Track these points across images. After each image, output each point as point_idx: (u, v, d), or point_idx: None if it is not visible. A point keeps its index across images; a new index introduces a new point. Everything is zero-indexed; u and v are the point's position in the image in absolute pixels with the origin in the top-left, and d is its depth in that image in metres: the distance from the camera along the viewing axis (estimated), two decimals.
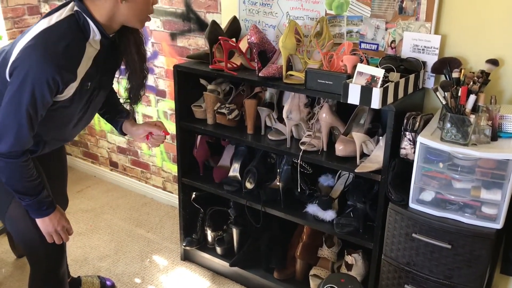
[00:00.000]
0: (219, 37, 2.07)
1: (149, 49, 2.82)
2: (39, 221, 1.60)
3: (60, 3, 1.52)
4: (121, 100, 1.81)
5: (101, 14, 1.46)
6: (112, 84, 1.77)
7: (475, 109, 1.62)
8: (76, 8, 1.45)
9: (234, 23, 2.27)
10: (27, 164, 1.51)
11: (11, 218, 1.66)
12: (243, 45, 2.18)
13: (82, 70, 1.48)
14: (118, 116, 1.87)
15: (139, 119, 3.07)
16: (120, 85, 1.75)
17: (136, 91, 1.70)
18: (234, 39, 2.21)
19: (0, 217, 1.70)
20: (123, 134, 1.91)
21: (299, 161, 1.96)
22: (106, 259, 2.59)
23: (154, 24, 2.74)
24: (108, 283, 2.35)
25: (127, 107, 1.78)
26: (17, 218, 1.65)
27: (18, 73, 1.39)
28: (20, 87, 1.39)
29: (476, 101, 1.61)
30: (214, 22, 2.14)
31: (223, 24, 2.32)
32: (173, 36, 2.68)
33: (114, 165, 3.40)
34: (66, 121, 1.62)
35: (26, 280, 2.38)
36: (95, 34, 1.47)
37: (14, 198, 1.59)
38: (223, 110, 2.20)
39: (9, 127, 1.43)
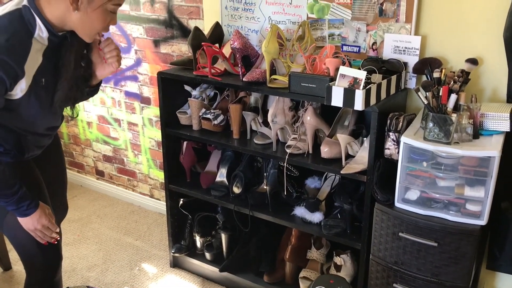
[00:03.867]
0: (202, 43, 2.07)
1: (132, 57, 2.81)
2: (20, 220, 1.57)
3: None
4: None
5: (52, 13, 1.40)
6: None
7: (456, 108, 1.64)
8: (24, 2, 1.38)
9: (217, 28, 2.28)
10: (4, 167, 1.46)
11: (9, 225, 1.64)
12: (227, 51, 2.19)
13: (31, 65, 1.41)
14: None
15: (124, 126, 3.06)
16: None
17: (62, 101, 1.56)
18: (217, 45, 2.21)
19: None
20: (96, 87, 1.73)
21: (285, 164, 1.97)
22: (95, 269, 2.57)
23: (137, 32, 2.73)
24: None
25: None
26: (14, 225, 1.62)
27: None
28: None
29: (457, 100, 1.64)
30: (196, 28, 2.14)
31: (206, 30, 2.33)
32: (156, 43, 2.68)
33: (100, 173, 3.38)
34: (34, 115, 1.55)
35: None
36: (41, 31, 1.41)
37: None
38: (209, 116, 2.20)
39: None
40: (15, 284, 2.44)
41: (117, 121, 3.09)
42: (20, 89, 1.42)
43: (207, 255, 2.44)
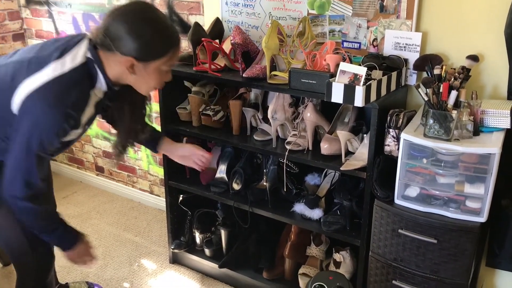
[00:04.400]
0: (202, 39, 2.07)
1: None
2: (62, 252, 1.66)
3: (71, 36, 1.50)
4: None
5: (111, 71, 1.46)
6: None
7: (456, 104, 1.64)
8: (89, 55, 1.43)
9: (217, 24, 2.27)
10: (42, 210, 1.53)
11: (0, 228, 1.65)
12: (227, 46, 2.19)
13: (86, 116, 1.49)
14: (151, 135, 1.88)
15: None
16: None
17: (122, 146, 1.71)
18: (217, 41, 2.21)
19: None
20: (156, 151, 1.95)
21: (285, 160, 1.97)
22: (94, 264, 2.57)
23: None
24: None
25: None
26: (5, 227, 1.63)
27: (28, 119, 1.39)
28: (29, 135, 1.40)
29: (458, 96, 1.63)
30: (197, 23, 2.13)
31: (206, 25, 2.32)
32: None
33: (100, 169, 3.38)
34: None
35: None
36: (101, 85, 1.48)
37: (1, 208, 1.58)
38: (208, 112, 2.19)
39: (20, 173, 1.44)
40: (14, 280, 2.44)
41: None
42: (74, 134, 1.51)
43: (207, 251, 2.44)
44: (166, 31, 1.44)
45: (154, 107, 2.85)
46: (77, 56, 1.42)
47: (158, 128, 2.25)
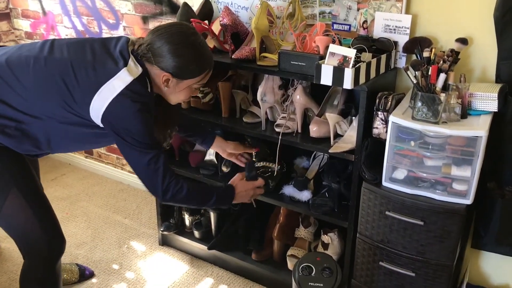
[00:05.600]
0: (191, 19, 2.04)
1: (121, 33, 2.77)
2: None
3: (115, 39, 1.61)
4: None
5: (154, 80, 1.60)
6: None
7: (445, 87, 1.64)
8: (140, 69, 1.55)
9: (206, 5, 2.24)
10: (190, 186, 1.66)
11: (7, 215, 1.64)
12: (216, 28, 2.16)
13: None
14: (205, 134, 2.07)
15: None
16: None
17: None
18: (206, 22, 2.19)
19: None
20: (208, 149, 2.15)
21: (278, 144, 1.95)
22: (83, 246, 2.57)
23: (125, 8, 2.68)
24: (87, 272, 2.34)
25: None
26: (14, 213, 1.64)
27: (120, 123, 1.52)
28: (128, 134, 1.53)
29: (446, 79, 1.64)
30: (185, 4, 2.11)
31: (195, 6, 2.29)
32: (145, 19, 2.63)
33: (89, 152, 3.36)
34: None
35: (1, 270, 2.35)
36: (150, 90, 1.60)
37: (9, 194, 1.59)
38: (197, 94, 2.18)
39: (152, 168, 1.58)
40: (4, 262, 2.44)
41: None
42: None
43: (196, 233, 2.45)
44: (204, 55, 1.61)
45: None
46: (136, 64, 1.55)
47: None
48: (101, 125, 1.55)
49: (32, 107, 1.55)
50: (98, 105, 1.50)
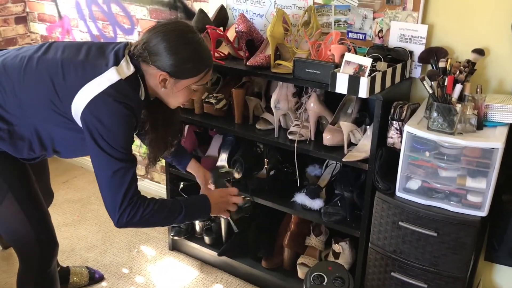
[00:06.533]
0: (207, 26, 2.05)
1: (135, 39, 2.79)
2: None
3: (113, 43, 1.56)
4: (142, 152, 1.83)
5: (149, 82, 1.53)
6: None
7: (461, 98, 1.63)
8: (132, 68, 1.49)
9: (222, 12, 2.25)
10: (155, 204, 1.52)
11: (1, 219, 1.65)
12: (231, 34, 2.17)
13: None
14: (182, 154, 1.98)
15: None
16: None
17: (153, 157, 1.75)
18: (221, 28, 2.20)
19: None
20: (185, 171, 2.02)
21: (295, 151, 1.94)
22: (94, 250, 2.58)
23: (140, 13, 2.71)
24: (96, 275, 2.35)
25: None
26: (8, 216, 1.64)
27: (95, 122, 1.42)
28: (107, 138, 1.43)
29: (462, 90, 1.63)
30: (201, 10, 2.12)
31: (211, 13, 2.30)
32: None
33: None
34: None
35: (12, 271, 2.37)
36: (142, 95, 1.54)
37: (5, 198, 1.60)
38: (211, 100, 2.19)
39: (117, 181, 1.46)
40: (15, 263, 2.44)
41: None
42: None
43: (206, 239, 2.45)
44: (202, 53, 1.52)
45: None
46: (129, 64, 1.49)
47: None
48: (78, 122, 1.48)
49: (25, 108, 1.52)
50: (80, 102, 1.43)
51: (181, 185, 2.47)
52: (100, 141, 1.42)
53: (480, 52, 1.72)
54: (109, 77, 1.44)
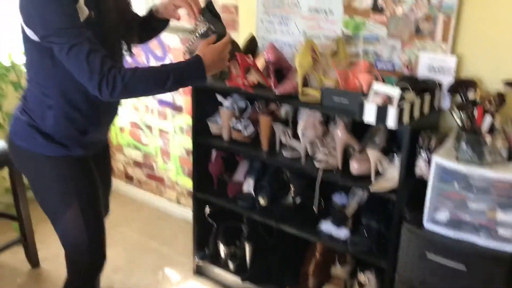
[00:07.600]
0: (236, 53, 2.10)
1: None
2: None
3: None
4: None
5: None
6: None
7: (491, 130, 1.62)
8: None
9: (252, 41, 2.30)
10: (134, 72, 1.44)
11: (63, 223, 1.69)
12: (260, 62, 2.21)
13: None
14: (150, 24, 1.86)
15: (155, 132, 3.11)
16: None
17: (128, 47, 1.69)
18: (250, 55, 2.24)
19: (52, 220, 1.72)
20: (163, 22, 1.89)
21: (318, 179, 1.95)
22: (120, 272, 2.61)
23: (172, 41, 2.78)
24: None
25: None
26: (70, 224, 1.68)
27: (35, 14, 1.38)
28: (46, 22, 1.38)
29: (492, 122, 1.61)
30: (232, 41, 2.16)
31: (241, 41, 2.35)
32: (192, 53, 2.71)
33: (129, 178, 3.44)
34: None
35: None
36: None
37: (71, 207, 1.64)
38: (239, 127, 2.22)
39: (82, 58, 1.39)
40: (42, 283, 2.50)
41: (148, 127, 3.15)
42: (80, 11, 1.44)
43: (231, 265, 2.45)
44: None
45: (185, 119, 2.90)
46: None
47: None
48: (32, 33, 1.43)
49: (36, 81, 1.55)
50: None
51: (208, 210, 2.49)
52: (39, 29, 1.39)
53: (510, 84, 1.70)
54: None
